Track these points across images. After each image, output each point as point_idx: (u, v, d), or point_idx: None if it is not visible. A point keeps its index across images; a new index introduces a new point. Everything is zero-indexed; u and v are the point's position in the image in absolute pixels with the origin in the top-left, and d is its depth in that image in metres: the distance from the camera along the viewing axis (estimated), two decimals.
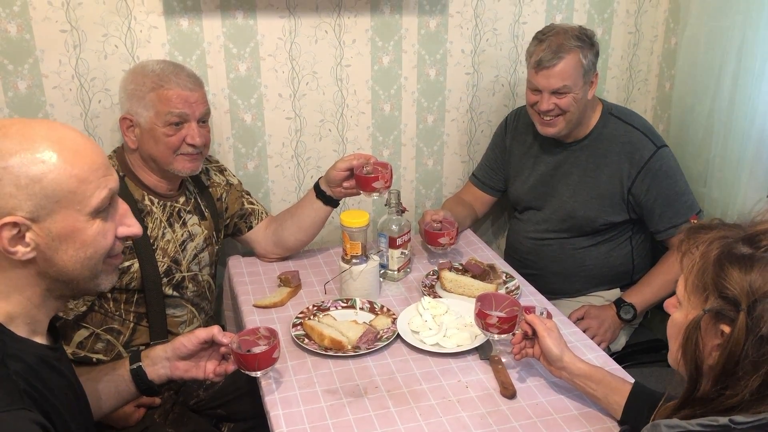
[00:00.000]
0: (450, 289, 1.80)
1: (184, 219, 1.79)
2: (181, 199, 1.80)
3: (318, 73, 2.10)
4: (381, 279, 1.86)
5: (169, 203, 1.77)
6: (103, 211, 1.04)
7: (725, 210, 2.03)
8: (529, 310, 1.52)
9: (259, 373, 1.40)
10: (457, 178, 2.40)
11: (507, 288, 1.82)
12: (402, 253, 1.88)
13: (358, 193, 1.84)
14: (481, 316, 1.45)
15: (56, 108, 1.90)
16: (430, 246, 1.97)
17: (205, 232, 1.83)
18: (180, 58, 1.96)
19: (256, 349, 1.40)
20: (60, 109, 1.90)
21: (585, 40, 1.90)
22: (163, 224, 1.74)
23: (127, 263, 1.65)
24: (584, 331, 1.75)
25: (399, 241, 1.86)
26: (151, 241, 1.71)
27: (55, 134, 1.01)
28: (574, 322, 1.80)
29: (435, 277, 1.88)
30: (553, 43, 1.88)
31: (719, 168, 2.04)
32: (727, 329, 0.93)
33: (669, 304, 1.08)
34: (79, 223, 1.02)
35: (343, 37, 2.08)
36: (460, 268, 1.90)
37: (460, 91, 2.28)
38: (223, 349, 1.41)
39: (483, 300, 1.49)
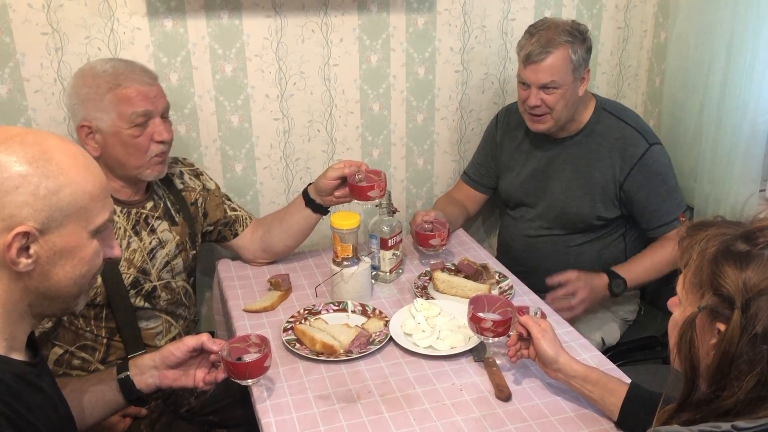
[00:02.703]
0: (443, 290, 1.77)
1: (153, 225, 1.72)
2: (149, 205, 1.73)
3: (305, 73, 2.07)
4: (373, 281, 1.83)
5: (134, 210, 1.70)
6: (101, 232, 1.05)
7: (717, 205, 2.02)
8: (523, 311, 1.50)
9: (249, 382, 1.38)
10: (448, 176, 2.38)
11: (500, 288, 1.80)
12: (394, 254, 1.86)
13: (350, 201, 1.81)
14: (475, 321, 1.43)
15: (38, 112, 1.86)
16: (421, 247, 1.95)
17: (177, 237, 1.76)
18: (164, 60, 1.93)
19: (247, 357, 1.38)
20: (42, 114, 1.86)
21: (576, 36, 1.88)
22: (127, 233, 1.67)
23: None
24: (571, 294, 1.80)
25: (390, 242, 1.84)
26: None
27: (68, 149, 1.02)
28: (557, 285, 1.83)
29: (427, 278, 1.86)
30: (543, 37, 1.86)
31: (711, 163, 2.03)
32: (722, 327, 0.92)
33: (672, 303, 1.07)
34: (81, 240, 1.02)
35: (331, 36, 2.06)
36: (453, 268, 1.88)
37: (450, 89, 2.26)
38: (212, 357, 1.38)
39: (475, 303, 1.47)
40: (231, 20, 1.95)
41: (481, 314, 1.45)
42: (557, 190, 2.04)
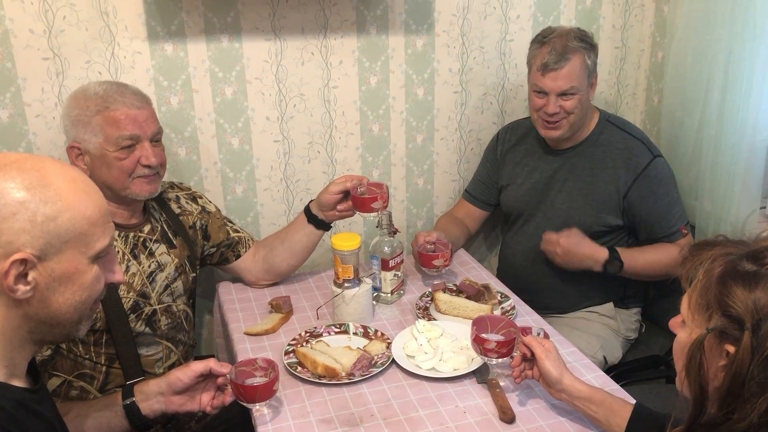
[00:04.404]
0: (445, 310, 1.77)
1: (151, 249, 1.71)
2: (146, 228, 1.72)
3: (305, 95, 2.08)
4: (374, 302, 1.83)
5: (132, 233, 1.68)
6: (101, 257, 1.04)
7: (718, 223, 2.01)
8: (526, 331, 1.49)
9: (257, 405, 1.38)
10: (448, 196, 2.38)
11: (502, 308, 1.79)
12: (395, 275, 1.85)
13: (352, 215, 1.82)
14: (478, 342, 1.43)
15: (39, 137, 1.86)
16: (424, 268, 1.94)
17: (176, 260, 1.75)
18: (165, 83, 1.93)
19: (254, 381, 1.37)
20: (43, 138, 1.87)
21: (586, 41, 1.91)
22: (126, 257, 1.66)
23: None
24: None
25: (392, 263, 1.83)
26: None
27: (67, 174, 1.01)
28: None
29: (429, 299, 1.85)
30: (557, 44, 1.87)
31: (710, 181, 2.03)
32: (731, 349, 0.91)
33: (674, 323, 1.05)
34: (81, 266, 1.01)
35: (330, 58, 2.07)
36: (455, 289, 1.87)
37: (449, 109, 2.27)
38: (220, 380, 1.38)
39: (478, 324, 1.46)
40: (231, 44, 1.96)
41: (484, 335, 1.44)
42: (559, 201, 2.04)
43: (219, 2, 1.92)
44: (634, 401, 1.33)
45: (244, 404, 1.37)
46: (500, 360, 1.43)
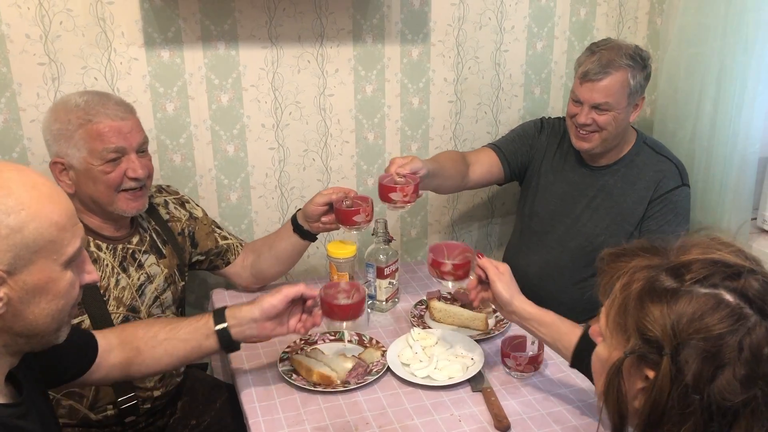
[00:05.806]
0: (439, 319, 1.77)
1: (140, 260, 1.66)
2: (135, 239, 1.67)
3: (301, 102, 2.09)
4: (369, 310, 1.82)
5: (120, 246, 1.63)
6: (74, 260, 1.00)
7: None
8: (482, 254, 1.52)
9: (345, 325, 1.48)
10: (442, 205, 2.39)
11: (496, 317, 1.80)
12: (390, 283, 1.86)
13: (338, 228, 1.80)
14: (435, 265, 1.48)
15: (34, 142, 1.86)
16: (382, 201, 1.69)
17: (165, 270, 1.71)
18: (161, 90, 1.93)
19: (342, 301, 1.45)
20: (38, 143, 1.86)
21: (637, 61, 1.86)
22: (115, 271, 1.61)
23: (77, 320, 1.50)
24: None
25: (387, 271, 1.83)
26: (102, 291, 1.57)
27: (29, 180, 0.96)
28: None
29: (424, 307, 1.85)
30: (604, 57, 1.84)
31: (702, 192, 2.05)
32: (650, 374, 0.83)
33: (595, 332, 0.99)
34: (54, 274, 0.96)
35: (326, 66, 2.08)
36: (449, 297, 1.88)
37: (444, 119, 2.28)
38: (310, 302, 1.45)
39: (435, 251, 1.52)
40: (227, 51, 1.97)
41: (440, 260, 1.49)
42: (585, 217, 2.01)
43: (216, 10, 1.92)
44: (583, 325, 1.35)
45: (335, 322, 1.47)
46: (456, 283, 1.48)
